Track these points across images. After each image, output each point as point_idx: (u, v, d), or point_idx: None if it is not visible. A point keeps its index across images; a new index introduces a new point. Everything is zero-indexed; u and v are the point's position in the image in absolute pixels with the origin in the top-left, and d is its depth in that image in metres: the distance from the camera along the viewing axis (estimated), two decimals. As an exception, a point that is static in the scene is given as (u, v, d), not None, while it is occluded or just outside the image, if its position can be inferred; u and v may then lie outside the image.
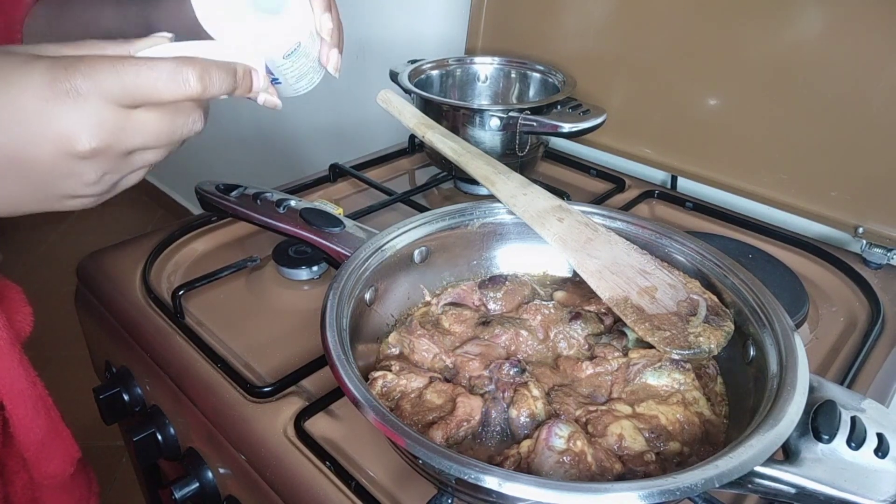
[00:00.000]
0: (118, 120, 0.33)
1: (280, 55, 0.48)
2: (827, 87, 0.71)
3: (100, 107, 0.32)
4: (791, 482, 0.37)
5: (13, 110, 0.31)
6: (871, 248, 0.71)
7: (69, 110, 0.31)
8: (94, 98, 0.32)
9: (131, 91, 0.32)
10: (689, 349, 0.47)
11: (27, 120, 0.31)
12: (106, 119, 0.32)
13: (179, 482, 0.58)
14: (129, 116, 0.33)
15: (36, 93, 0.31)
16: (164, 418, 0.64)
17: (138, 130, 0.34)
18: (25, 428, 0.50)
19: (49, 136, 0.32)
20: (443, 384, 0.47)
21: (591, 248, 0.53)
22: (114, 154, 0.33)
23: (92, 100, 0.32)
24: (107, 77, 0.32)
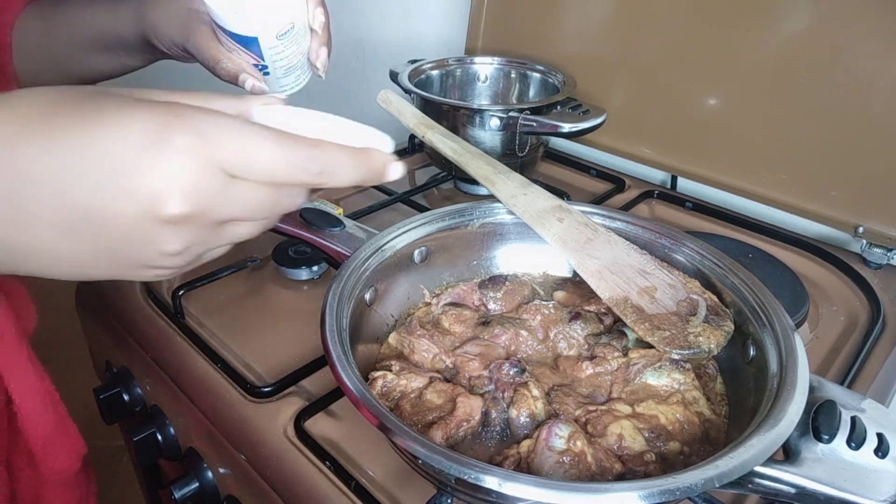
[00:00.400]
0: (218, 186, 0.28)
1: (274, 33, 0.49)
2: (827, 87, 0.71)
3: (202, 169, 0.27)
4: (791, 482, 0.37)
5: (102, 157, 0.26)
6: (871, 248, 0.71)
7: (166, 166, 0.27)
8: (198, 158, 0.27)
9: (244, 163, 0.28)
10: (689, 349, 0.47)
11: (116, 170, 0.26)
12: (204, 183, 0.28)
13: (179, 482, 0.58)
14: (230, 184, 0.28)
15: (134, 140, 0.27)
16: (164, 418, 0.64)
17: (237, 201, 0.29)
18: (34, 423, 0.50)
19: (137, 192, 0.27)
20: (443, 384, 0.47)
21: (591, 248, 0.53)
22: (204, 223, 0.29)
23: (196, 159, 0.27)
24: (224, 140, 0.28)
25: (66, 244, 0.27)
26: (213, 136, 0.27)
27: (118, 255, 0.29)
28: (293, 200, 0.31)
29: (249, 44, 0.50)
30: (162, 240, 0.28)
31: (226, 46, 0.51)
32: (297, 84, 0.56)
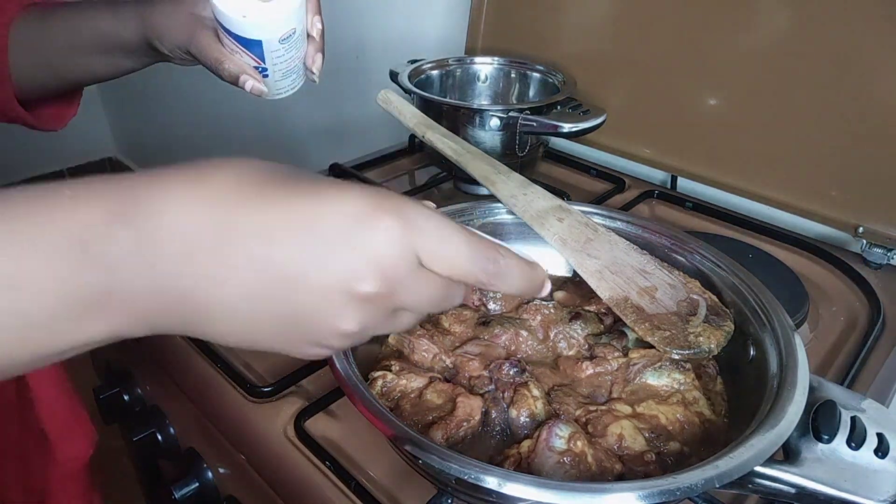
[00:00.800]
0: (409, 272, 0.29)
1: (278, 37, 0.51)
2: (827, 88, 0.71)
3: (401, 252, 0.28)
4: (791, 482, 0.37)
5: (314, 225, 0.27)
6: (871, 248, 0.71)
7: (372, 244, 0.27)
8: (402, 242, 0.28)
9: (437, 253, 0.29)
10: (689, 349, 0.47)
11: (326, 241, 0.27)
12: (400, 267, 0.28)
13: (179, 482, 0.58)
14: (417, 273, 0.29)
15: (348, 215, 0.27)
16: (164, 418, 0.64)
17: (418, 290, 0.30)
18: (51, 408, 0.51)
19: (340, 263, 0.27)
20: (443, 384, 0.47)
21: (591, 248, 0.53)
22: (385, 307, 0.29)
23: (399, 243, 0.28)
24: (426, 228, 0.29)
25: (251, 308, 0.28)
26: (418, 223, 0.29)
27: (296, 327, 0.29)
28: (455, 299, 0.32)
29: (253, 46, 0.52)
30: (345, 316, 0.28)
31: (228, 49, 0.53)
32: (292, 87, 0.59)
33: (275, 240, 0.27)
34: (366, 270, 0.27)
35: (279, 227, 0.27)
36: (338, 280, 0.27)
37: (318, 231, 0.27)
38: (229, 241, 0.27)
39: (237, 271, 0.27)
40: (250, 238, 0.27)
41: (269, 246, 0.27)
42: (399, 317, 0.31)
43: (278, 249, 0.27)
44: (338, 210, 0.28)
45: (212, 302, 0.27)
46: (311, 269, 0.27)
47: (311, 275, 0.27)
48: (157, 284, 0.26)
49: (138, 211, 0.26)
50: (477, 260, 0.30)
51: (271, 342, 0.30)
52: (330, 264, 0.27)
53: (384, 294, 0.28)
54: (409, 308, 0.30)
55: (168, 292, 0.27)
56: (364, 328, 0.29)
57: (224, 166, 0.28)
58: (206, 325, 0.28)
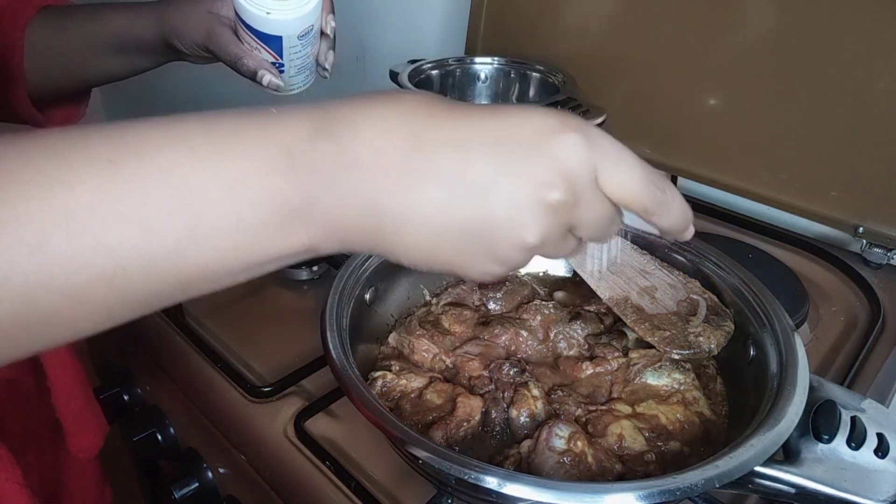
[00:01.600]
0: (589, 187, 0.30)
1: (297, 33, 0.53)
2: (827, 87, 0.71)
3: (584, 166, 0.29)
4: (791, 482, 0.37)
5: (506, 134, 0.29)
6: (871, 248, 0.71)
7: (562, 155, 0.28)
8: (586, 155, 0.29)
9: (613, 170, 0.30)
10: (689, 349, 0.47)
11: (519, 148, 0.28)
12: (583, 180, 0.29)
13: (179, 482, 0.58)
14: (594, 190, 0.30)
15: (538, 126, 0.29)
16: (164, 418, 0.64)
17: (592, 208, 0.30)
18: (67, 397, 0.52)
19: (534, 171, 0.28)
20: (443, 384, 0.47)
21: (591, 248, 0.53)
22: (564, 220, 0.30)
23: (584, 156, 0.29)
24: (605, 146, 0.30)
25: (441, 216, 0.28)
26: (600, 142, 0.30)
27: (482, 238, 0.29)
28: (614, 228, 0.33)
29: (272, 42, 0.54)
30: (531, 225, 0.29)
31: (247, 45, 0.54)
32: (305, 83, 0.61)
33: (466, 149, 0.28)
34: (555, 178, 0.28)
35: (470, 138, 0.28)
36: (529, 187, 0.28)
37: (508, 142, 0.28)
38: (423, 152, 0.28)
39: (430, 179, 0.28)
40: (443, 148, 0.28)
41: (461, 154, 0.28)
42: (568, 239, 0.32)
43: (470, 157, 0.28)
44: (526, 124, 0.29)
45: (404, 209, 0.28)
46: (502, 175, 0.28)
47: (502, 181, 0.28)
48: (355, 196, 0.28)
49: (340, 126, 0.28)
50: (648, 186, 0.31)
51: (454, 257, 0.30)
52: (521, 172, 0.28)
53: (568, 204, 0.29)
54: (581, 226, 0.31)
55: (365, 205, 0.28)
56: (543, 242, 0.30)
57: (415, 93, 0.30)
58: (395, 236, 0.29)
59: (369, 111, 0.28)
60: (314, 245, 0.29)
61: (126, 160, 0.25)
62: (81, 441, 0.54)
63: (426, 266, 0.30)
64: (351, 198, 0.28)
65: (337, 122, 0.28)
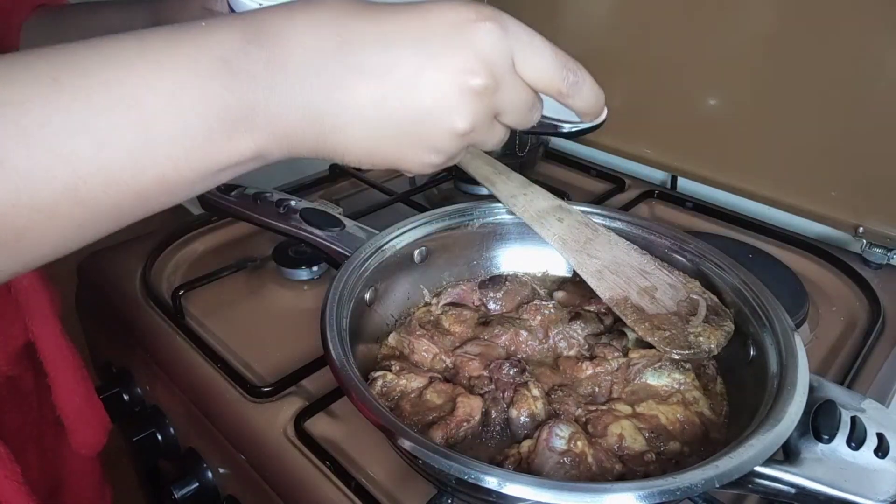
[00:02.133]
0: (508, 71, 0.32)
1: None
2: (827, 87, 0.71)
3: (502, 51, 0.31)
4: (791, 482, 0.37)
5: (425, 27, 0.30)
6: (871, 248, 0.71)
7: (480, 41, 0.30)
8: (502, 41, 0.31)
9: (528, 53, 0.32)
10: (689, 349, 0.47)
11: (438, 40, 0.30)
12: (502, 64, 0.31)
13: (179, 482, 0.58)
14: (513, 74, 0.32)
15: (454, 17, 0.31)
16: (164, 418, 0.64)
17: (513, 91, 0.33)
18: (67, 394, 0.52)
19: (454, 59, 0.30)
20: (443, 384, 0.47)
21: (591, 248, 0.53)
22: (489, 106, 0.32)
23: (501, 41, 0.31)
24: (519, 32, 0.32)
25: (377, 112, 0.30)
26: (515, 30, 0.32)
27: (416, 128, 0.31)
28: (536, 112, 0.35)
29: None
30: (459, 112, 0.31)
31: None
32: None
33: (391, 45, 0.30)
34: (476, 64, 0.30)
35: (394, 35, 0.30)
36: (452, 74, 0.30)
37: (430, 35, 0.30)
38: (351, 50, 0.29)
39: (361, 77, 0.30)
40: (369, 46, 0.30)
41: (387, 51, 0.30)
42: (494, 126, 0.34)
43: (396, 53, 0.30)
44: (444, 16, 0.31)
45: (340, 108, 0.30)
46: (427, 67, 0.30)
47: (428, 72, 0.30)
48: (293, 100, 0.29)
49: (268, 33, 0.29)
50: (561, 69, 0.33)
51: (393, 150, 0.32)
52: (444, 62, 0.30)
53: (491, 88, 0.31)
54: (505, 111, 0.33)
55: (303, 107, 0.29)
56: (473, 127, 0.32)
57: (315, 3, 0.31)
58: (335, 135, 0.30)
59: (294, 16, 0.30)
60: (262, 150, 0.30)
61: (69, 77, 0.26)
62: (83, 438, 0.54)
63: (369, 162, 0.32)
64: (289, 100, 0.29)
65: (265, 29, 0.29)
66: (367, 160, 0.32)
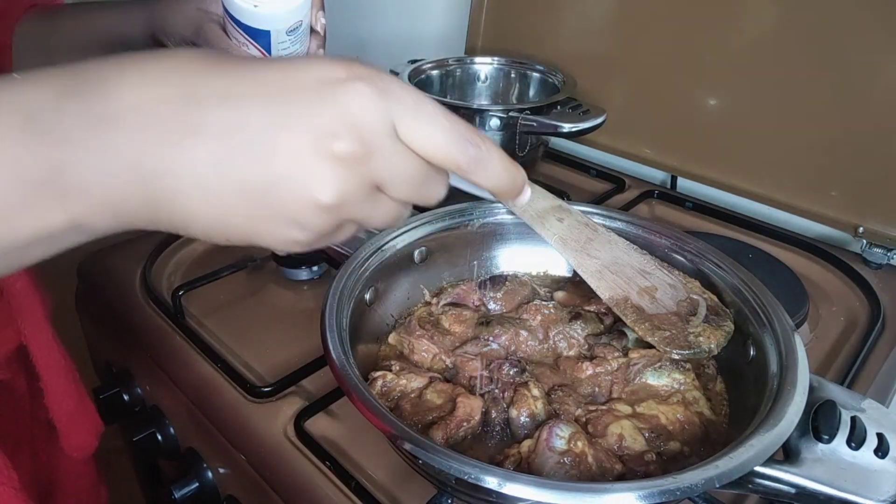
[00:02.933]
0: (385, 138, 0.27)
1: (285, 28, 0.52)
2: (827, 87, 0.71)
3: (378, 115, 0.26)
4: (791, 482, 0.37)
5: (283, 83, 0.26)
6: (871, 248, 0.71)
7: (348, 101, 0.26)
8: (378, 104, 0.26)
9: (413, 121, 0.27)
10: (689, 349, 0.47)
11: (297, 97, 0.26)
12: (377, 130, 0.27)
13: (179, 482, 0.58)
14: (395, 142, 0.27)
15: (319, 74, 0.26)
16: (164, 418, 0.64)
17: (396, 162, 0.28)
18: (59, 398, 0.52)
19: (314, 119, 0.26)
20: (443, 384, 0.47)
21: (591, 248, 0.53)
22: (362, 175, 0.27)
23: (375, 105, 0.26)
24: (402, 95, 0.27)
25: (219, 178, 0.25)
26: (396, 92, 0.27)
27: (269, 199, 0.26)
28: (435, 189, 0.30)
29: (260, 37, 0.53)
30: (319, 180, 0.26)
31: (235, 41, 0.54)
32: None
33: (240, 101, 0.25)
34: (339, 126, 0.26)
35: (245, 90, 0.26)
36: (309, 137, 0.26)
37: (288, 92, 0.26)
38: (190, 106, 0.25)
39: (202, 138, 0.25)
40: (214, 101, 0.25)
41: (235, 107, 0.25)
42: (379, 201, 0.29)
43: (244, 110, 0.25)
44: (307, 73, 0.26)
45: (177, 175, 0.25)
46: (280, 127, 0.25)
47: (280, 134, 0.25)
48: (116, 160, 0.25)
49: (93, 85, 0.25)
50: (458, 140, 0.28)
51: (245, 225, 0.27)
52: (301, 122, 0.26)
53: (360, 155, 0.26)
54: (387, 183, 0.28)
55: (129, 169, 0.25)
56: (342, 199, 0.27)
57: (181, 49, 0.27)
58: (171, 204, 0.26)
59: (125, 67, 0.26)
60: (80, 221, 0.25)
61: None
62: (75, 441, 0.54)
63: (221, 238, 0.27)
64: (110, 162, 0.24)
65: (88, 80, 0.25)
66: (216, 235, 0.27)
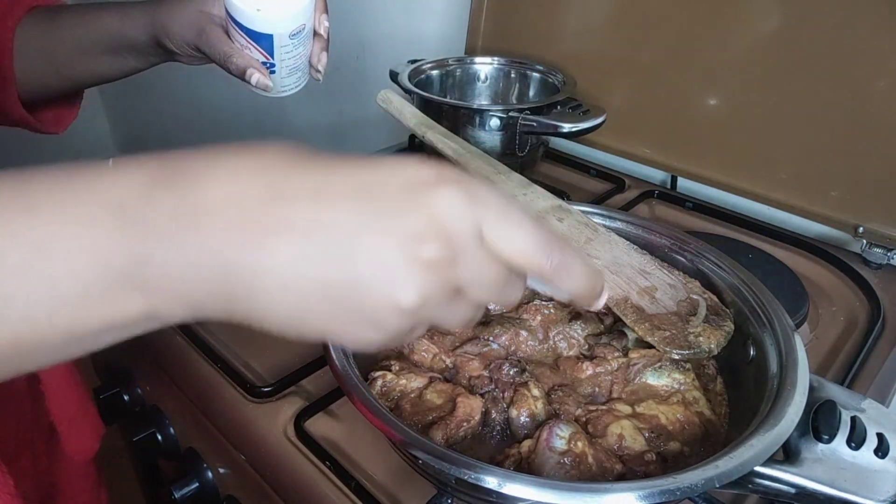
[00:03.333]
0: (471, 243, 0.27)
1: (288, 32, 0.52)
2: (827, 87, 0.71)
3: (466, 220, 0.26)
4: (791, 482, 0.37)
5: (373, 185, 0.26)
6: (871, 248, 0.71)
7: (437, 206, 0.26)
8: (467, 210, 0.26)
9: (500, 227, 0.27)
10: (689, 349, 0.47)
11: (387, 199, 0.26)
12: (463, 235, 0.26)
13: (179, 482, 0.58)
14: (479, 247, 0.27)
15: (410, 177, 0.26)
16: (164, 418, 0.64)
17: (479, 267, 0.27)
18: (61, 400, 0.51)
19: (403, 223, 0.25)
20: (443, 384, 0.47)
21: (591, 248, 0.53)
22: (447, 279, 0.27)
23: (464, 210, 0.26)
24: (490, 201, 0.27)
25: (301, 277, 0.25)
26: (483, 197, 0.27)
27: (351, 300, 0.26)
28: (513, 292, 0.30)
29: (263, 41, 0.53)
30: (405, 285, 0.26)
31: (238, 44, 0.54)
32: (296, 85, 0.59)
33: (328, 199, 0.25)
34: (428, 231, 0.26)
35: (334, 189, 0.26)
36: (398, 241, 0.25)
37: (377, 193, 0.26)
38: (277, 203, 0.25)
39: (285, 232, 0.25)
40: (301, 199, 0.25)
41: (323, 207, 0.25)
42: (457, 303, 0.28)
43: (332, 209, 0.25)
44: (397, 174, 0.26)
45: (255, 268, 0.25)
46: (368, 228, 0.25)
47: (368, 236, 0.25)
48: (200, 253, 0.25)
49: (184, 177, 0.25)
50: (543, 246, 0.29)
51: (323, 323, 0.27)
52: (389, 224, 0.25)
53: (447, 260, 0.26)
54: (469, 287, 0.28)
55: (211, 263, 0.25)
56: (424, 302, 0.26)
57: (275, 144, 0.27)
58: (250, 300, 0.26)
59: (218, 160, 0.26)
60: (155, 312, 0.25)
61: None
62: (77, 443, 0.54)
63: (296, 333, 0.27)
64: (192, 255, 0.24)
65: (179, 171, 0.25)
66: (291, 331, 0.27)
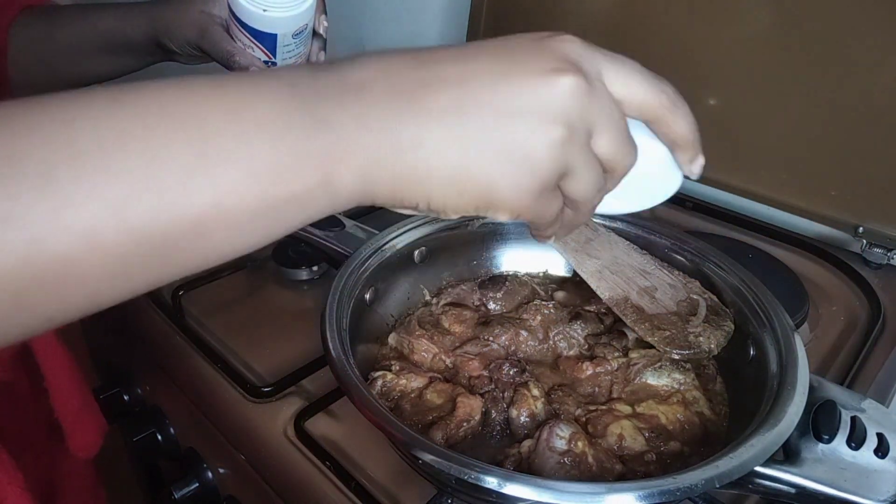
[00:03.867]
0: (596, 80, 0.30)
1: (292, 31, 0.53)
2: (827, 87, 0.71)
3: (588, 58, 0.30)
4: (791, 482, 0.37)
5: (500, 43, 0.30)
6: (871, 248, 0.71)
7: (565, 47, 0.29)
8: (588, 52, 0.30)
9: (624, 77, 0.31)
10: (689, 349, 0.47)
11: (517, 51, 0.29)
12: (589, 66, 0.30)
13: (179, 482, 0.58)
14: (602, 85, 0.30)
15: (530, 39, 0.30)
16: (164, 418, 0.64)
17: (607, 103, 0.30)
18: (64, 398, 0.52)
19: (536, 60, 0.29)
20: (443, 384, 0.47)
21: (591, 248, 0.53)
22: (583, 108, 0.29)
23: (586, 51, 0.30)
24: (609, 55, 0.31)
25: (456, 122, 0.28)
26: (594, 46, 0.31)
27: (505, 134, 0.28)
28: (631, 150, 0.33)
29: (266, 40, 0.53)
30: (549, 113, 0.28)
31: (241, 43, 0.54)
32: None
33: (471, 57, 0.29)
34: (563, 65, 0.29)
35: (473, 50, 0.29)
36: (539, 76, 0.28)
37: (511, 46, 0.29)
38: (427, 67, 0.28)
39: (439, 88, 0.28)
40: (447, 61, 0.29)
41: (468, 61, 0.29)
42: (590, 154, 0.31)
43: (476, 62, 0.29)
44: (523, 36, 0.30)
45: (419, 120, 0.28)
46: (510, 71, 0.29)
47: (511, 75, 0.28)
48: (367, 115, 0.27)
49: (339, 66, 0.28)
50: (657, 84, 0.33)
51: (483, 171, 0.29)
52: (529, 65, 0.29)
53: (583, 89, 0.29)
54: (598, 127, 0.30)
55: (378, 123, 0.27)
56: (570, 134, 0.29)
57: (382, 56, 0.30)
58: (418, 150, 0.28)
59: (361, 55, 0.29)
60: (328, 179, 0.27)
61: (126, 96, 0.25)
62: (81, 441, 0.54)
63: (456, 189, 0.29)
64: (360, 116, 0.27)
65: (334, 63, 0.29)
66: (455, 185, 0.29)
